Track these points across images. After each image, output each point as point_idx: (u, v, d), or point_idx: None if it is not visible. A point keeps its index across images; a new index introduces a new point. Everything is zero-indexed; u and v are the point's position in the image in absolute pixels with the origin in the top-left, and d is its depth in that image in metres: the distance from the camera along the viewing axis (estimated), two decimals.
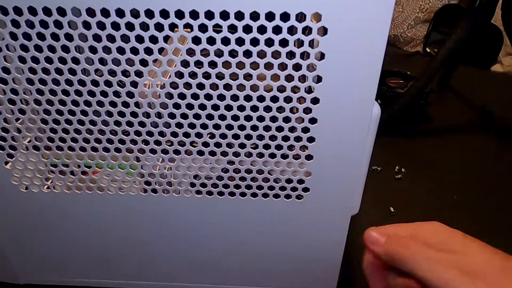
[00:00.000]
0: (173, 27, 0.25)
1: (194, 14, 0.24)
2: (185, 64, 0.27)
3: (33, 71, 0.27)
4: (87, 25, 0.25)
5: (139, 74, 0.27)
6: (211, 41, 0.25)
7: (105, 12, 0.25)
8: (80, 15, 0.25)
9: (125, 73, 0.27)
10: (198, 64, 0.26)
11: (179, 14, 0.24)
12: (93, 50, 0.26)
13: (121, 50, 0.26)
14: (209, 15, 0.24)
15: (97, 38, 0.26)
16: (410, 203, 0.54)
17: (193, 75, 0.27)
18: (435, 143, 0.68)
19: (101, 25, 0.25)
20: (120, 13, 0.25)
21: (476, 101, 0.83)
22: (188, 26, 0.25)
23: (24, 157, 0.32)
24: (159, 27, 0.25)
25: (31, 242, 0.37)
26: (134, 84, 0.28)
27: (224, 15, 0.24)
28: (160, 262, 0.38)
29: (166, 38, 0.25)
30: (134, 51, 0.26)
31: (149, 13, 0.25)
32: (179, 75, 0.27)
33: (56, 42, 0.26)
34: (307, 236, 0.35)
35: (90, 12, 0.25)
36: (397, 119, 0.67)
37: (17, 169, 0.32)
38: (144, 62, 0.27)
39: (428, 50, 1.25)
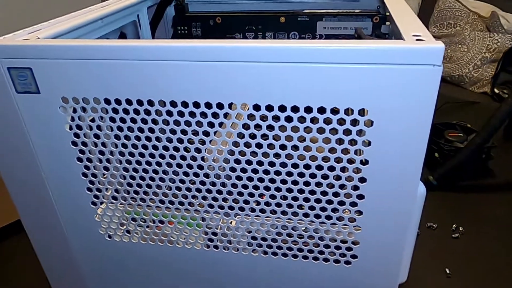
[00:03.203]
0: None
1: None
2: (252, 136, 0.31)
3: (125, 146, 0.33)
4: (170, 114, 0.31)
5: (203, 142, 0.32)
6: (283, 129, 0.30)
7: (185, 104, 0.30)
8: (165, 106, 0.30)
9: (197, 144, 0.32)
10: (264, 136, 0.31)
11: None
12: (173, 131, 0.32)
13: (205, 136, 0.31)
14: (283, 108, 0.29)
15: (176, 123, 0.31)
16: (467, 265, 0.53)
17: (258, 146, 0.31)
18: (497, 200, 0.66)
19: (181, 114, 0.31)
20: (196, 104, 0.30)
21: None
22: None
23: (111, 212, 0.38)
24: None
25: (109, 279, 0.43)
26: (203, 156, 0.33)
27: (282, 108, 0.28)
28: None
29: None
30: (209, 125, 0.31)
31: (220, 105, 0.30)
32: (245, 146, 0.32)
33: (144, 125, 0.32)
34: None
35: (173, 103, 0.30)
36: (455, 174, 0.66)
37: (104, 221, 0.38)
38: (208, 134, 0.31)
39: (496, 91, 1.20)
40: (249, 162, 0.32)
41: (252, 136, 0.31)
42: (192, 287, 0.41)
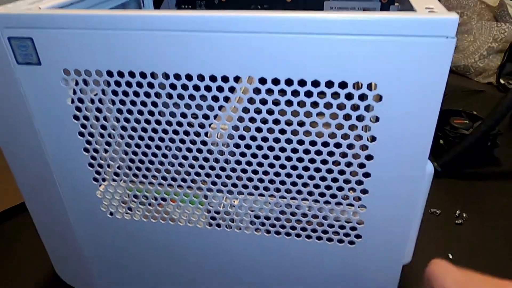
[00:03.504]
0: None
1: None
2: (258, 111, 0.30)
3: (128, 120, 0.33)
4: (173, 87, 0.30)
5: (207, 118, 0.31)
6: (289, 103, 0.29)
7: (189, 77, 0.29)
8: (168, 79, 0.30)
9: (201, 119, 0.31)
10: (270, 112, 0.30)
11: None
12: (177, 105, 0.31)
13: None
14: (289, 82, 0.28)
15: (180, 96, 0.30)
16: (471, 251, 0.53)
17: (264, 121, 0.31)
18: (502, 187, 0.65)
19: (185, 87, 0.30)
20: (201, 77, 0.29)
21: None
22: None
23: (112, 189, 0.37)
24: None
25: (111, 258, 0.43)
26: (206, 132, 0.32)
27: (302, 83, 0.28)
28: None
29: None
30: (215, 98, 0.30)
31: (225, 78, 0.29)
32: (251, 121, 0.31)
33: (147, 99, 0.31)
34: (358, 280, 0.37)
35: (176, 76, 0.30)
36: (460, 161, 0.65)
37: (106, 198, 0.38)
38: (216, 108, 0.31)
39: (502, 81, 1.19)
40: (253, 138, 0.31)
41: (258, 112, 0.30)
42: (192, 270, 0.41)
